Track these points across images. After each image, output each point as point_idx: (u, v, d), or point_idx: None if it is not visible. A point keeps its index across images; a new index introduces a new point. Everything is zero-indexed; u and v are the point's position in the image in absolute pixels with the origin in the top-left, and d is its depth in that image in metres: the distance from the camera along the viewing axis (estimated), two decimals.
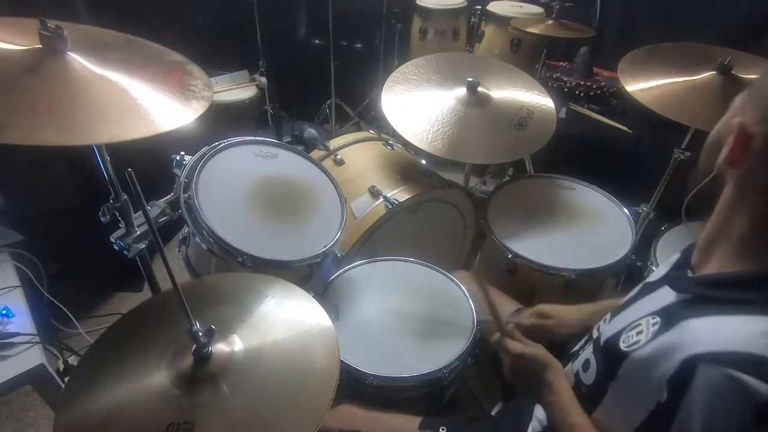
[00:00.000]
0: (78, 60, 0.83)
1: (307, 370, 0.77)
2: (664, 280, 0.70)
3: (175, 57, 1.01)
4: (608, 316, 0.80)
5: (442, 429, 0.95)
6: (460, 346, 1.09)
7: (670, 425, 0.54)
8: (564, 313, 1.03)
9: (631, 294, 0.78)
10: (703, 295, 0.61)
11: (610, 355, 0.68)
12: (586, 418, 0.71)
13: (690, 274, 0.68)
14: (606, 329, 0.75)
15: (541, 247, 1.39)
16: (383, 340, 1.12)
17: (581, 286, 1.33)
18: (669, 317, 0.61)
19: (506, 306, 1.19)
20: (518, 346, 0.84)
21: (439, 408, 1.11)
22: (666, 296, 0.66)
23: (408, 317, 1.18)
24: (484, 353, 1.15)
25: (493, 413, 1.04)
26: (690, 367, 0.53)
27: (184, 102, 0.88)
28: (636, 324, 0.66)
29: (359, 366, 1.02)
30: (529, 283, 1.37)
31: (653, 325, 0.63)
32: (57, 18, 0.83)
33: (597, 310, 0.98)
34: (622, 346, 0.66)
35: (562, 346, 0.96)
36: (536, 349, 0.83)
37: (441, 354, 1.08)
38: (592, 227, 1.47)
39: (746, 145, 0.57)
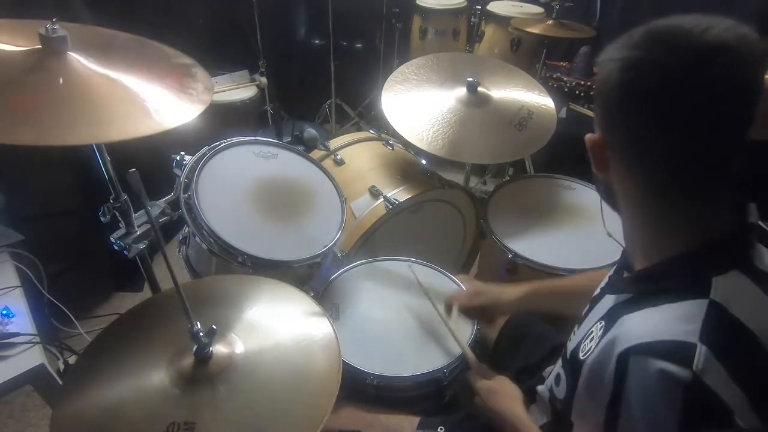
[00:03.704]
0: (78, 60, 0.83)
1: (308, 371, 0.78)
2: (607, 287, 0.74)
3: (181, 59, 1.01)
4: (575, 328, 0.82)
5: (441, 428, 0.95)
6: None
7: (618, 418, 0.58)
8: (499, 294, 1.07)
9: (588, 305, 0.81)
10: (635, 291, 0.64)
11: (574, 366, 0.71)
12: None
13: (626, 274, 0.71)
14: (571, 342, 0.78)
15: (541, 247, 1.38)
16: (383, 340, 1.12)
17: None
18: (610, 319, 0.64)
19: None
20: (475, 380, 0.94)
21: (440, 407, 1.11)
22: (609, 300, 0.70)
23: (408, 316, 1.18)
24: (484, 354, 1.15)
25: None
26: (624, 360, 0.57)
27: (181, 103, 0.88)
28: (589, 332, 0.69)
29: (359, 365, 1.02)
30: None
31: (600, 329, 0.66)
32: (56, 18, 0.83)
33: (532, 291, 1.04)
34: (581, 355, 0.69)
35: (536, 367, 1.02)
36: (490, 381, 0.93)
37: (441, 354, 1.08)
38: (592, 227, 1.47)
39: (603, 155, 0.62)
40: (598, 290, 0.78)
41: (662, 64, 0.54)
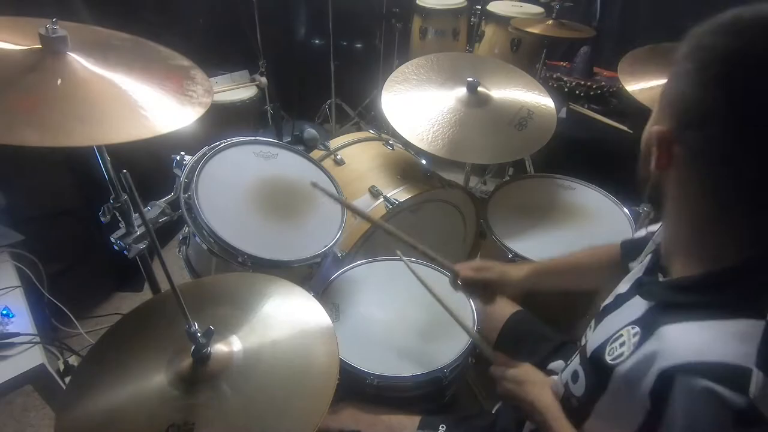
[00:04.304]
0: (77, 60, 0.83)
1: (307, 370, 0.78)
2: (637, 287, 0.70)
3: (180, 61, 1.01)
4: (592, 323, 0.79)
5: (442, 427, 0.95)
6: (460, 346, 1.09)
7: None
8: (504, 271, 1.04)
9: (609, 300, 0.77)
10: (674, 300, 0.60)
11: (598, 368, 0.68)
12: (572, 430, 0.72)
13: (661, 278, 0.67)
14: (591, 339, 0.74)
15: (541, 246, 1.38)
16: (383, 340, 1.12)
17: None
18: (647, 326, 0.61)
19: (506, 308, 1.19)
20: (498, 370, 0.87)
21: (440, 407, 1.11)
22: (640, 303, 0.66)
23: (408, 316, 1.18)
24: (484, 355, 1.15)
25: (493, 412, 1.04)
26: (668, 379, 0.54)
27: (180, 106, 0.88)
28: (618, 335, 0.66)
29: (359, 365, 1.02)
30: None
31: (634, 335, 0.62)
32: (56, 17, 0.83)
33: (537, 269, 1.04)
34: (608, 359, 0.65)
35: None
36: (515, 369, 0.86)
37: (441, 353, 1.08)
38: (592, 227, 1.47)
39: (669, 151, 0.57)
40: (624, 288, 0.74)
41: None
